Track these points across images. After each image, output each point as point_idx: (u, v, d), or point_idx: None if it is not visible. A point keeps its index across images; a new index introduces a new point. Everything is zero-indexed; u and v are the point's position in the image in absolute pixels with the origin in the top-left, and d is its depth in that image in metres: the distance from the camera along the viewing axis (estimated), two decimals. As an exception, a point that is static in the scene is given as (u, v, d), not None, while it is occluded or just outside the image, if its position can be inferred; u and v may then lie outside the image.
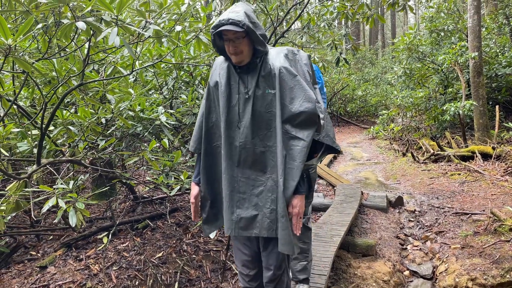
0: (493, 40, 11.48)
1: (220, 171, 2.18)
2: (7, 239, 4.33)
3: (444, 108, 9.48)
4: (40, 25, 2.33)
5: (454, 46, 10.10)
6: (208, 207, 2.26)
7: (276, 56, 2.02)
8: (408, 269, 4.52)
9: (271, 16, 5.61)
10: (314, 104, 1.92)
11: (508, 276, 3.81)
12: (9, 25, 2.99)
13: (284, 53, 2.04)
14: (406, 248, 5.00)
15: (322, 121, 1.97)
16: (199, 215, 2.30)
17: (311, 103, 1.92)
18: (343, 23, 20.43)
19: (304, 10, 6.29)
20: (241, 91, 2.05)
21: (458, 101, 9.47)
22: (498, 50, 11.01)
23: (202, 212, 2.27)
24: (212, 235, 3.71)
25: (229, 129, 2.08)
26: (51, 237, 4.60)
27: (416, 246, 5.01)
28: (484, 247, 4.37)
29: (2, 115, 2.90)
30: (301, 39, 6.80)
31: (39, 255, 4.18)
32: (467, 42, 9.79)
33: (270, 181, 2.03)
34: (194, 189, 2.26)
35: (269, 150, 2.02)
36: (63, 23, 2.22)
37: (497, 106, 9.39)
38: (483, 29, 11.24)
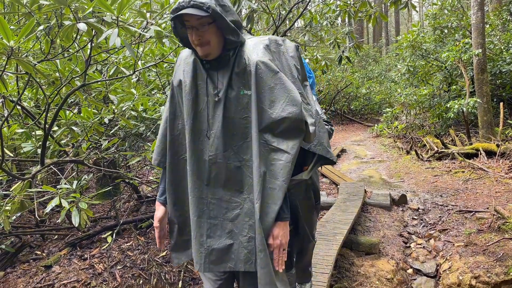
0: (497, 37, 11.41)
1: None
2: (12, 238, 4.37)
3: (448, 105, 9.45)
4: (42, 27, 2.35)
5: (458, 43, 10.05)
6: (176, 232, 1.86)
7: (254, 48, 1.64)
8: (411, 267, 4.52)
9: (273, 15, 5.61)
10: (299, 107, 1.57)
11: (511, 273, 3.80)
12: (12, 27, 3.02)
13: (264, 44, 1.65)
14: (409, 246, 5.00)
15: (312, 128, 1.61)
16: (165, 241, 1.95)
17: (296, 106, 1.56)
18: (346, 21, 20.39)
19: (306, 8, 6.29)
20: (210, 92, 1.66)
21: (462, 99, 9.43)
22: (502, 47, 10.94)
23: (170, 237, 1.88)
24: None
25: (196, 139, 1.68)
26: (56, 236, 4.64)
27: (420, 244, 5.00)
28: (487, 245, 4.36)
29: (6, 115, 2.93)
30: (304, 37, 6.79)
31: (44, 254, 4.22)
32: (470, 39, 9.74)
33: (247, 202, 1.64)
34: (159, 210, 1.86)
35: (246, 165, 1.63)
36: (65, 24, 2.24)
37: (501, 103, 9.35)
38: (487, 26, 11.17)
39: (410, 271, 4.47)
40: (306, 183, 2.37)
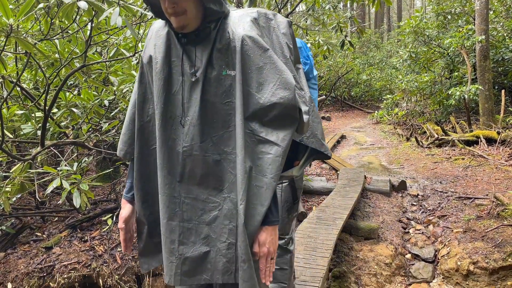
0: (501, 24, 11.30)
1: None
2: (13, 220, 4.38)
3: (450, 92, 9.40)
4: (41, 5, 2.30)
5: (461, 30, 9.95)
6: (145, 234, 1.58)
7: (240, 21, 1.38)
8: (410, 252, 4.55)
9: (275, -2, 5.53)
10: (292, 92, 1.32)
11: (510, 259, 3.83)
12: (10, 6, 2.97)
13: (252, 17, 1.39)
14: (408, 232, 5.03)
15: (306, 116, 1.37)
16: (132, 244, 1.65)
17: (289, 90, 1.32)
18: (348, 5, 20.16)
19: (309, -9, 6.20)
20: (186, 71, 1.40)
21: (464, 86, 9.38)
22: (505, 34, 10.84)
23: (138, 240, 1.61)
24: None
25: (168, 127, 1.42)
26: (56, 218, 4.66)
27: (419, 230, 5.03)
28: (486, 231, 4.38)
29: (5, 96, 2.90)
30: (306, 21, 6.72)
31: (44, 236, 4.23)
32: (474, 25, 9.64)
33: (227, 203, 1.40)
34: (125, 209, 1.59)
35: (227, 158, 1.38)
36: (64, 2, 2.20)
37: (503, 91, 9.31)
38: (491, 12, 11.05)
39: (408, 256, 4.50)
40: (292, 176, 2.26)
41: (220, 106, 1.38)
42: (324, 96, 16.25)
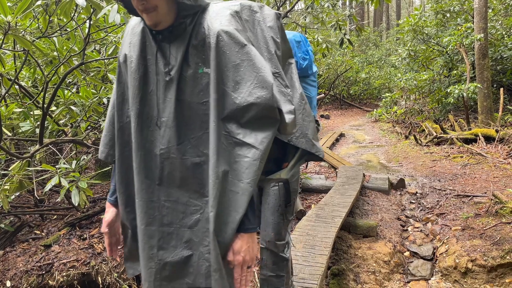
0: (499, 22, 11.31)
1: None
2: (11, 218, 4.38)
3: (448, 90, 9.41)
4: (39, 2, 2.30)
5: (459, 28, 9.96)
6: (130, 238, 1.53)
7: (218, 15, 1.30)
8: (408, 250, 4.56)
9: (274, -4, 5.52)
10: (270, 91, 1.23)
11: (508, 257, 3.84)
12: (9, 4, 2.96)
13: (232, 10, 1.30)
14: (407, 230, 5.04)
15: (289, 116, 1.28)
16: (118, 249, 1.60)
17: (266, 89, 1.23)
18: (347, 3, 20.14)
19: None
20: (160, 70, 1.33)
21: (463, 84, 9.39)
22: (504, 32, 10.85)
23: (123, 244, 1.57)
24: None
25: (144, 128, 1.37)
26: (55, 216, 4.65)
27: (417, 227, 5.04)
28: (485, 229, 4.39)
29: (3, 94, 2.90)
30: (305, 19, 6.72)
31: (43, 234, 4.23)
32: (473, 23, 9.64)
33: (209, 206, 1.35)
34: (109, 213, 1.54)
35: (207, 161, 1.32)
36: (63, 0, 2.20)
37: (501, 89, 9.32)
38: (490, 10, 11.06)
39: (407, 254, 4.51)
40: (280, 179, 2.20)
41: (197, 106, 1.31)
42: (323, 95, 16.25)
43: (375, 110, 14.25)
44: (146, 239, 1.38)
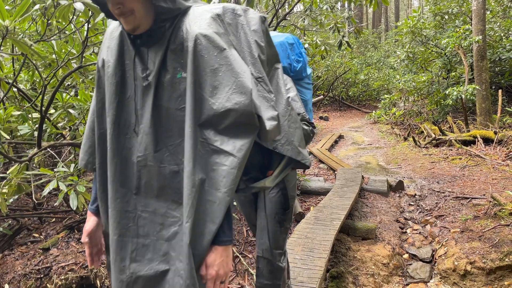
0: (498, 24, 11.34)
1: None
2: (10, 221, 4.37)
3: (447, 92, 9.43)
4: (37, 6, 2.30)
5: (458, 30, 9.98)
6: None
7: (198, 18, 1.25)
8: (407, 253, 4.56)
9: (272, -2, 5.53)
10: (249, 97, 1.19)
11: (507, 259, 3.84)
12: (7, 7, 2.96)
13: (213, 13, 1.26)
14: (405, 232, 5.04)
15: (270, 123, 1.23)
16: (99, 259, 1.54)
17: (244, 95, 1.19)
18: (346, 5, 20.17)
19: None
20: (138, 75, 1.30)
21: (461, 85, 9.41)
22: (502, 34, 10.89)
23: (106, 253, 1.50)
24: None
25: (121, 135, 1.32)
26: (54, 219, 4.65)
27: (416, 229, 5.04)
28: (483, 231, 4.40)
29: (1, 97, 2.89)
30: (303, 21, 6.73)
31: (41, 237, 4.22)
32: (471, 25, 9.67)
33: None
34: (90, 222, 1.47)
35: None
36: (61, 4, 2.20)
37: (500, 91, 9.33)
38: (488, 12, 11.09)
39: (406, 256, 4.51)
40: (278, 186, 2.06)
41: (176, 112, 1.26)
42: (322, 96, 16.28)
43: (374, 111, 14.26)
44: (118, 250, 1.30)
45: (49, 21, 2.74)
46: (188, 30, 1.23)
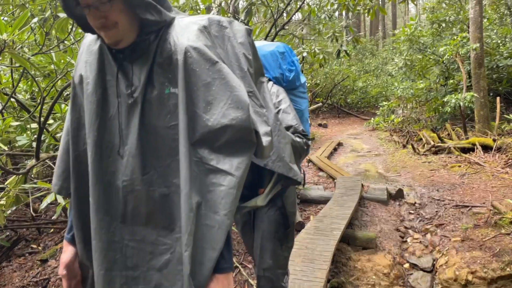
0: (495, 31, 11.40)
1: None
2: (8, 233, 4.34)
3: (445, 99, 9.45)
4: (36, 19, 2.30)
5: (455, 37, 10.03)
6: (90, 279, 1.33)
7: (185, 30, 1.19)
8: (408, 262, 4.53)
9: (271, 8, 5.55)
10: (246, 111, 1.12)
11: (508, 269, 3.82)
12: (6, 18, 2.96)
13: (200, 25, 1.20)
14: (406, 241, 5.01)
15: (266, 139, 1.17)
16: None
17: (241, 110, 1.12)
18: (343, 14, 20.31)
19: (305, 1, 6.24)
20: (122, 91, 1.20)
21: (459, 93, 9.43)
22: (499, 41, 10.94)
23: (82, 286, 1.39)
24: None
25: (104, 158, 1.21)
26: (52, 230, 4.62)
27: (416, 238, 5.02)
28: (484, 240, 4.38)
29: (0, 109, 2.88)
30: (302, 30, 6.75)
31: (40, 248, 4.19)
32: (468, 33, 9.72)
33: (181, 244, 1.15)
34: (67, 252, 1.35)
35: (177, 192, 1.16)
36: (60, 16, 2.19)
37: (498, 98, 9.36)
38: (485, 20, 11.15)
39: (406, 265, 4.48)
40: (276, 204, 1.99)
41: (164, 130, 1.17)
42: (320, 103, 16.31)
43: (372, 118, 14.28)
44: (106, 286, 1.18)
45: (48, 33, 2.74)
46: (176, 42, 1.16)
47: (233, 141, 1.13)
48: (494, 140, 8.06)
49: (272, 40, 5.52)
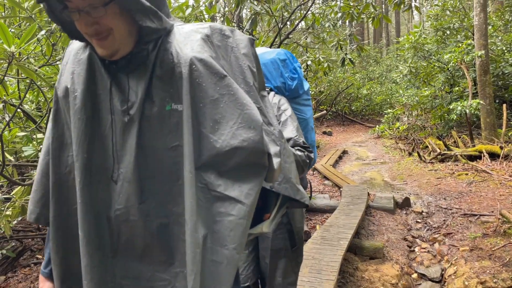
0: (500, 38, 11.38)
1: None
2: (13, 243, 4.33)
3: (451, 107, 9.41)
4: (43, 32, 2.31)
5: (460, 45, 10.01)
6: None
7: (187, 39, 1.06)
8: (416, 272, 4.47)
9: (275, 17, 5.57)
10: (259, 132, 1.00)
11: (518, 279, 3.76)
12: (12, 30, 2.98)
13: (203, 34, 1.08)
14: (413, 250, 4.96)
15: (276, 161, 1.06)
16: None
17: (254, 130, 1.00)
18: (347, 23, 20.38)
19: (309, 10, 6.26)
20: (116, 108, 1.06)
21: (465, 100, 9.39)
22: (504, 48, 10.91)
23: None
24: None
25: (94, 183, 1.06)
26: (57, 240, 4.60)
27: (424, 248, 4.96)
28: (493, 249, 4.32)
29: (7, 120, 2.89)
30: (306, 39, 6.77)
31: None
32: (473, 40, 9.70)
33: (180, 280, 1.03)
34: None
35: (178, 221, 1.03)
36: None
37: (504, 105, 9.31)
38: (490, 27, 11.14)
39: (414, 275, 4.42)
40: (282, 221, 1.88)
41: (165, 152, 1.03)
42: (325, 111, 16.29)
43: (377, 126, 14.23)
44: None
45: (55, 43, 2.75)
46: (179, 53, 1.03)
47: (244, 165, 1.01)
48: (501, 148, 7.99)
49: (277, 49, 5.53)
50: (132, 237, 1.05)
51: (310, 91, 2.31)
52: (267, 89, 1.82)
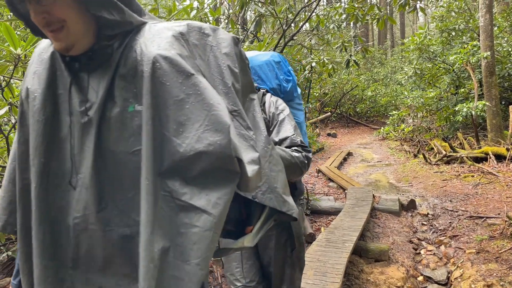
0: (505, 39, 11.31)
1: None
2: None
3: (456, 108, 9.37)
4: (49, 34, 2.32)
5: (465, 46, 9.97)
6: None
7: (156, 36, 1.00)
8: (422, 275, 4.44)
9: (280, 19, 5.57)
10: (226, 135, 0.91)
11: (525, 282, 3.72)
12: (18, 32, 3.00)
13: (175, 32, 1.01)
14: (419, 253, 4.92)
15: (252, 168, 0.97)
16: None
17: (221, 133, 0.91)
18: (351, 24, 20.36)
19: (314, 12, 6.25)
20: (75, 108, 0.99)
21: (470, 101, 9.34)
22: (510, 49, 10.85)
23: None
24: None
25: (51, 190, 0.99)
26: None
27: (430, 250, 4.93)
28: (500, 252, 4.28)
29: (13, 122, 2.90)
30: (310, 41, 6.76)
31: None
32: (478, 41, 9.65)
33: None
34: None
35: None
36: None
37: (510, 106, 9.24)
38: (495, 28, 11.08)
39: (420, 278, 4.39)
40: (282, 226, 1.84)
41: (126, 157, 0.95)
42: (329, 113, 16.28)
43: (382, 128, 14.19)
44: None
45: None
46: (144, 50, 0.96)
47: (211, 171, 0.92)
48: (508, 149, 7.94)
49: (281, 51, 5.53)
50: (92, 247, 0.97)
51: (315, 93, 2.29)
52: (263, 90, 1.80)
